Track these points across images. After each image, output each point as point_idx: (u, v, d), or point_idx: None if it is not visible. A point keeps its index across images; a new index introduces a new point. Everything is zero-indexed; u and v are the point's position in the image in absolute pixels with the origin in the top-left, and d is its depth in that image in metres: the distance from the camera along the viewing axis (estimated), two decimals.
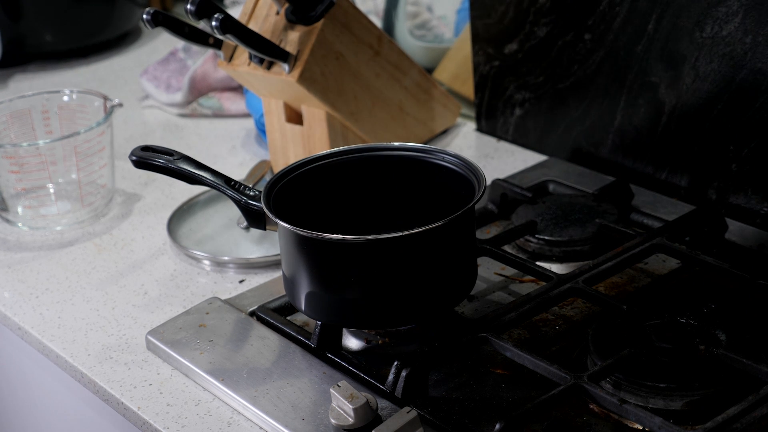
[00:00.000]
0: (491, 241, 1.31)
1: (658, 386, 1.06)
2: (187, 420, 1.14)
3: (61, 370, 1.29)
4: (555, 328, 1.21)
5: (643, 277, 1.29)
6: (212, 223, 1.48)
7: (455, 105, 1.69)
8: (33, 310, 1.36)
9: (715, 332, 1.11)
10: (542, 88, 1.57)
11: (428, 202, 1.24)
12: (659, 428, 1.00)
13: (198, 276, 1.39)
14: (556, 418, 1.06)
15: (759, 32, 1.31)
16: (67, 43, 2.12)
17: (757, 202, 1.37)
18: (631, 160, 1.50)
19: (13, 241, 1.52)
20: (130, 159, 1.25)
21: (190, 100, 1.84)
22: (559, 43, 1.52)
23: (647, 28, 1.41)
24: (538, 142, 1.61)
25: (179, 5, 2.34)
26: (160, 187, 1.62)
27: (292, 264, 1.15)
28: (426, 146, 1.24)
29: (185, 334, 1.24)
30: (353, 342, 1.20)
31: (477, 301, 1.26)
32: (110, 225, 1.54)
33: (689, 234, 1.32)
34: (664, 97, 1.43)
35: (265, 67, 1.50)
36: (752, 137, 1.35)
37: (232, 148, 1.74)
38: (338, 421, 1.06)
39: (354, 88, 1.54)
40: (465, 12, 1.78)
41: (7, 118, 1.59)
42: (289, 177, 1.22)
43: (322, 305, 1.15)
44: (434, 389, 1.12)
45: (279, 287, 1.29)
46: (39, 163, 1.52)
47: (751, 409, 1.01)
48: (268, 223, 1.20)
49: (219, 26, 1.38)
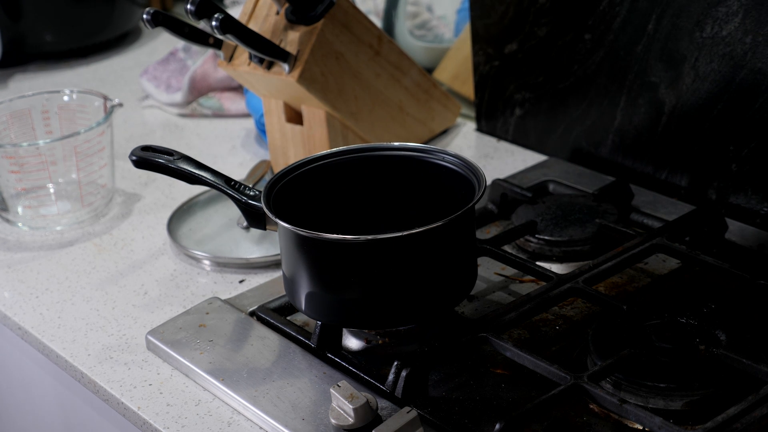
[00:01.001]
0: (491, 241, 1.31)
1: (658, 386, 1.06)
2: (187, 420, 1.14)
3: (61, 370, 1.29)
4: (555, 328, 1.21)
5: (643, 277, 1.29)
6: (212, 223, 1.48)
7: (455, 105, 1.69)
8: (33, 310, 1.36)
9: (715, 332, 1.11)
10: (542, 88, 1.57)
11: (428, 202, 1.24)
12: (659, 428, 1.00)
13: (198, 276, 1.39)
14: (556, 418, 1.06)
15: (759, 32, 1.31)
16: (67, 43, 2.12)
17: (757, 202, 1.37)
18: (631, 160, 1.50)
19: (13, 241, 1.52)
20: (130, 159, 1.25)
21: (190, 100, 1.84)
22: (559, 43, 1.52)
23: (647, 28, 1.41)
24: (538, 142, 1.61)
25: (179, 5, 2.34)
26: (160, 187, 1.62)
27: (292, 264, 1.15)
28: (426, 146, 1.24)
29: (185, 334, 1.24)
30: (353, 342, 1.20)
31: (477, 301, 1.26)
32: (110, 225, 1.54)
33: (689, 234, 1.32)
34: (664, 97, 1.43)
35: (265, 67, 1.50)
36: (752, 137, 1.35)
37: (232, 148, 1.74)
38: (338, 421, 1.06)
39: (354, 88, 1.54)
40: (465, 12, 1.78)
41: (7, 118, 1.59)
42: (289, 177, 1.22)
43: (322, 305, 1.15)
44: (434, 389, 1.12)
45: (279, 287, 1.29)
46: (39, 163, 1.52)
47: (751, 409, 1.01)
48: (268, 223, 1.20)
49: (219, 26, 1.38)
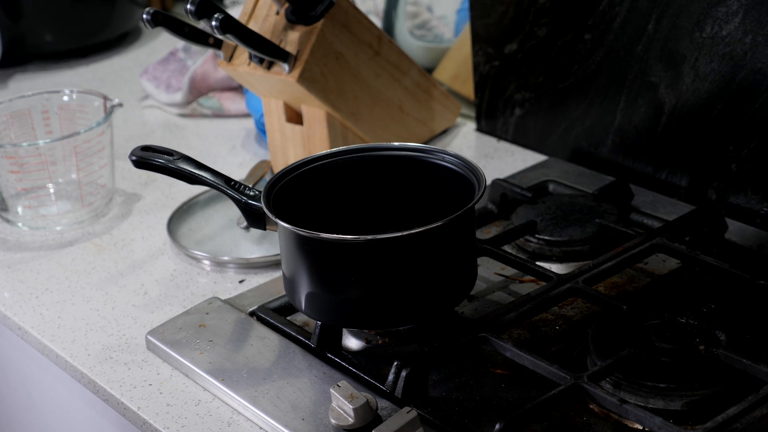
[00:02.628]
0: (491, 241, 1.31)
1: (658, 386, 1.06)
2: (187, 420, 1.14)
3: (61, 370, 1.29)
4: (555, 328, 1.21)
5: (643, 277, 1.29)
6: (212, 223, 1.48)
7: (455, 105, 1.69)
8: (33, 310, 1.36)
9: (715, 332, 1.11)
10: (542, 88, 1.57)
11: (428, 202, 1.24)
12: (659, 428, 1.00)
13: (198, 276, 1.39)
14: (556, 418, 1.06)
15: (759, 32, 1.31)
16: (67, 43, 2.12)
17: (757, 202, 1.37)
18: (631, 160, 1.50)
19: (13, 241, 1.52)
20: (130, 159, 1.25)
21: (190, 100, 1.84)
22: (559, 43, 1.52)
23: (647, 28, 1.41)
24: (538, 142, 1.61)
25: (179, 5, 2.34)
26: (160, 187, 1.62)
27: (292, 264, 1.15)
28: (426, 146, 1.24)
29: (185, 334, 1.24)
30: (353, 342, 1.20)
31: (477, 301, 1.26)
32: (110, 225, 1.54)
33: (689, 234, 1.32)
34: (664, 97, 1.43)
35: (265, 67, 1.50)
36: (752, 137, 1.35)
37: (232, 148, 1.74)
38: (338, 421, 1.06)
39: (354, 88, 1.54)
40: (465, 12, 1.78)
41: (7, 118, 1.59)
42: (289, 177, 1.22)
43: (322, 305, 1.15)
44: (434, 389, 1.12)
45: (279, 287, 1.29)
46: (39, 163, 1.52)
47: (751, 409, 1.01)
48: (268, 223, 1.20)
49: (219, 26, 1.38)
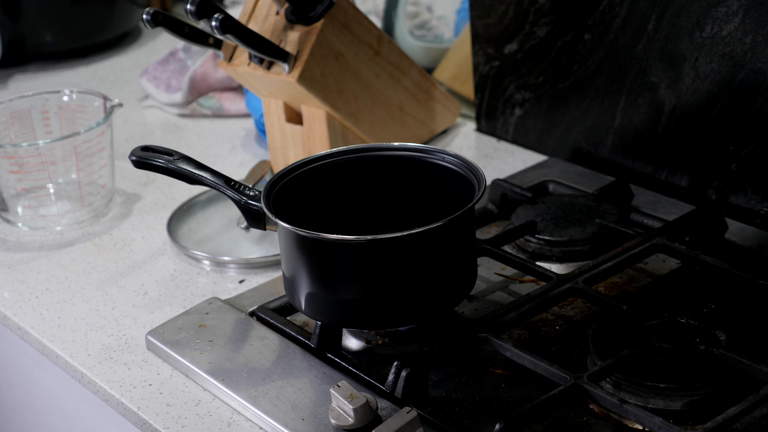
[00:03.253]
0: (491, 241, 1.31)
1: (658, 386, 1.06)
2: (187, 420, 1.14)
3: (61, 370, 1.29)
4: (555, 328, 1.21)
5: (643, 277, 1.29)
6: (212, 223, 1.48)
7: (455, 105, 1.69)
8: (33, 310, 1.36)
9: (715, 332, 1.11)
10: (542, 88, 1.57)
11: (428, 202, 1.24)
12: (659, 428, 1.00)
13: (198, 276, 1.39)
14: (556, 418, 1.06)
15: (759, 32, 1.31)
16: (67, 43, 2.12)
17: (757, 202, 1.37)
18: (631, 160, 1.49)
19: (13, 241, 1.52)
20: (130, 159, 1.25)
21: (190, 100, 1.84)
22: (559, 43, 1.52)
23: (647, 28, 1.41)
24: (538, 142, 1.61)
25: (179, 5, 2.34)
26: (160, 187, 1.62)
27: (292, 264, 1.15)
28: (426, 146, 1.24)
29: (185, 334, 1.24)
30: (353, 342, 1.20)
31: (477, 301, 1.26)
32: (110, 225, 1.54)
33: (689, 234, 1.32)
34: (664, 97, 1.43)
35: (265, 67, 1.50)
36: (752, 137, 1.35)
37: (232, 148, 1.74)
38: (338, 421, 1.06)
39: (354, 88, 1.54)
40: (465, 12, 1.77)
41: (7, 118, 1.59)
42: (289, 177, 1.22)
43: (322, 305, 1.15)
44: (434, 389, 1.12)
45: (279, 287, 1.29)
46: (39, 163, 1.52)
47: (751, 409, 1.01)
48: (268, 223, 1.20)
49: (219, 26, 1.38)
